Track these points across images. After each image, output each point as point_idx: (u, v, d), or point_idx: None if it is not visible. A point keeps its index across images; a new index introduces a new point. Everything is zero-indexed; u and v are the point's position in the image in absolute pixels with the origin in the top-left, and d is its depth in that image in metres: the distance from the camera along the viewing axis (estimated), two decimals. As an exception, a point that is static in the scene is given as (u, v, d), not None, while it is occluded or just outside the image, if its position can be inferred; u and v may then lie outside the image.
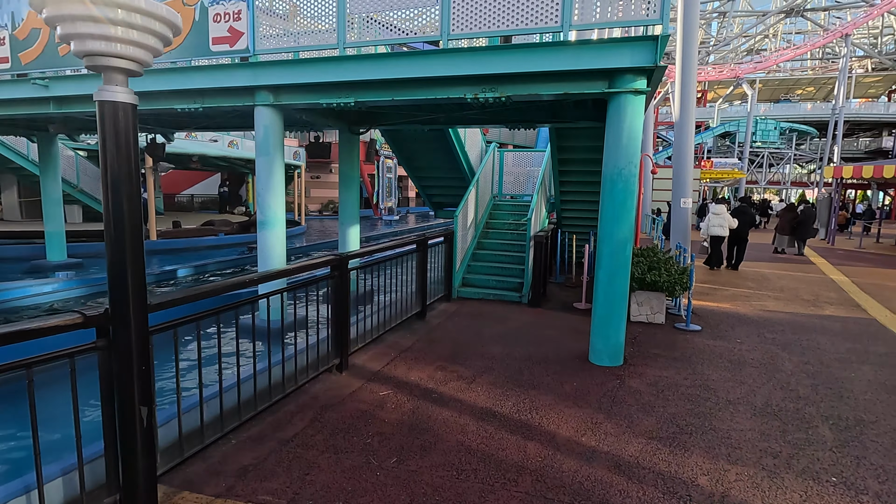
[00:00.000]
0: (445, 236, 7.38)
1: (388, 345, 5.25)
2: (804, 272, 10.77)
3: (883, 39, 50.22)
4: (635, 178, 4.42)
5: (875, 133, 45.89)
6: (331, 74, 5.10)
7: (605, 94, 4.40)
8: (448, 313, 6.67)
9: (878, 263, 12.49)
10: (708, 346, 5.30)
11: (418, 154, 8.90)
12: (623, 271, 4.53)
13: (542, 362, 4.74)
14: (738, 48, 52.85)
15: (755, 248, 15.20)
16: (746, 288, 8.87)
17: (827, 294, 8.39)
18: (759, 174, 42.36)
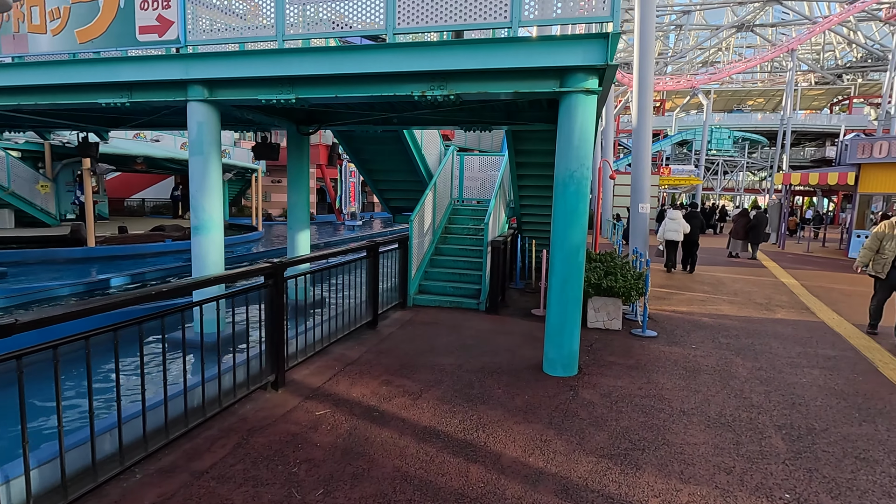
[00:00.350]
0: (400, 242, 7.09)
1: (333, 357, 4.92)
2: (757, 276, 11.03)
3: (825, 55, 53.32)
4: (588, 182, 4.27)
5: (819, 143, 48.49)
6: (269, 68, 4.75)
7: (556, 94, 4.23)
8: (402, 322, 6.38)
9: (824, 267, 12.96)
10: (663, 353, 5.21)
11: (374, 157, 8.58)
12: (576, 277, 4.36)
13: (494, 373, 4.51)
14: (693, 60, 54.94)
15: (712, 253, 15.58)
16: (702, 292, 8.95)
17: (779, 297, 8.55)
18: (714, 181, 43.99)
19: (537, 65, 4.10)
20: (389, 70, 4.42)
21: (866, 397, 4.09)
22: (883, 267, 6.05)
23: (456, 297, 7.40)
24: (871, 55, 44.98)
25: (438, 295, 7.48)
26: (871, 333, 6.24)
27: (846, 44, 49.27)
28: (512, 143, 7.07)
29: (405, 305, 7.20)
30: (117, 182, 26.05)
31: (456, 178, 10.35)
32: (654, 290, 8.93)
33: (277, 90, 4.87)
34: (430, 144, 9.20)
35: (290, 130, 6.90)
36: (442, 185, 8.90)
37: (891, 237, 5.97)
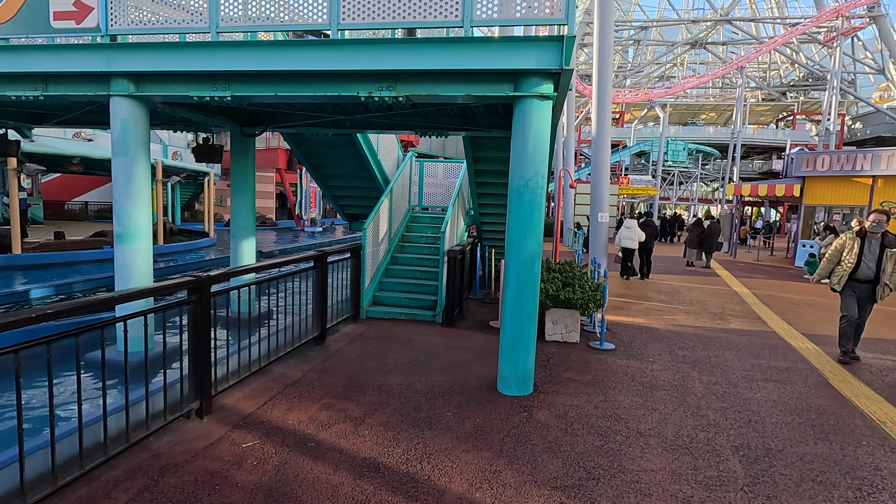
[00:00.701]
0: (352, 251, 6.74)
1: (272, 378, 4.51)
2: (711, 285, 11.23)
3: (771, 74, 56.42)
4: (543, 191, 4.07)
5: (766, 156, 51.09)
6: (202, 62, 4.34)
7: (510, 98, 4.03)
8: (352, 336, 6.01)
9: (773, 275, 13.40)
10: (621, 368, 5.07)
11: (327, 162, 8.20)
12: (531, 290, 4.15)
13: (445, 394, 4.22)
14: (650, 74, 56.99)
15: (669, 261, 15.89)
16: (659, 301, 8.99)
17: (732, 307, 8.67)
18: (670, 191, 45.50)
19: (490, 67, 3.88)
20: (333, 68, 4.11)
21: (819, 412, 4.05)
22: (840, 280, 5.58)
23: (412, 309, 7.10)
24: (812, 75, 47.87)
25: (393, 307, 7.16)
26: (843, 362, 5.48)
27: (790, 63, 52.27)
28: (470, 150, 6.86)
29: (358, 318, 6.84)
30: (56, 184, 24.40)
31: (415, 185, 10.08)
32: (613, 299, 8.90)
33: (211, 87, 4.47)
34: (387, 150, 8.89)
35: (233, 132, 6.45)
36: (399, 191, 8.60)
37: (850, 249, 5.50)
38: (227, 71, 4.34)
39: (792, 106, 51.09)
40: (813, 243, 15.49)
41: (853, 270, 5.46)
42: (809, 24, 42.60)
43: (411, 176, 9.37)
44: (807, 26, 42.35)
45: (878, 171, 14.18)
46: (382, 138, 8.61)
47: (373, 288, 7.33)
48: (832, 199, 15.52)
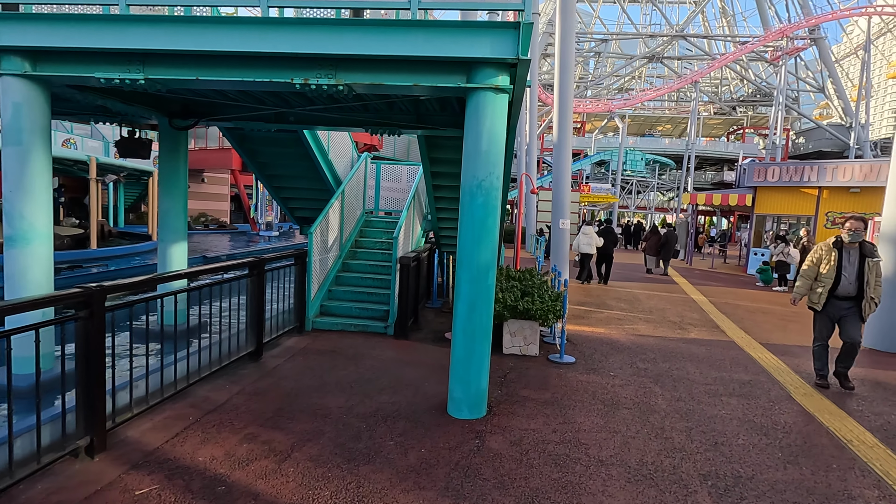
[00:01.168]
0: (297, 257, 6.19)
1: (192, 402, 3.94)
2: (669, 292, 11.24)
3: (722, 89, 59.09)
4: (498, 193, 3.71)
5: (718, 167, 53.30)
6: (111, 38, 3.76)
7: (461, 91, 3.65)
8: (294, 351, 5.47)
9: (728, 283, 13.63)
10: (581, 383, 4.75)
11: (273, 161, 7.61)
12: (485, 302, 3.76)
13: (389, 418, 3.77)
14: (610, 86, 58.59)
15: (630, 269, 15.98)
16: (620, 310, 8.84)
17: (690, 315, 8.60)
18: (629, 199, 46.66)
19: (440, 55, 3.50)
20: (264, 50, 3.62)
21: (785, 431, 3.84)
22: (819, 297, 4.86)
23: (362, 319, 6.60)
24: (760, 91, 50.39)
25: (343, 317, 6.64)
26: (821, 386, 4.95)
27: (740, 80, 54.92)
28: (426, 150, 6.46)
29: (303, 330, 6.28)
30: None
31: (371, 189, 9.59)
32: (573, 307, 8.68)
33: (122, 67, 3.88)
34: (339, 150, 8.38)
35: (161, 124, 5.80)
36: (352, 194, 8.10)
37: (827, 262, 4.82)
38: (141, 50, 3.77)
39: (742, 120, 53.59)
40: (765, 251, 15.94)
41: (833, 286, 4.78)
42: (757, 42, 44.87)
43: (366, 178, 8.88)
44: (755, 45, 44.58)
45: (823, 183, 14.74)
46: (335, 137, 8.10)
47: (321, 297, 6.79)
48: (782, 209, 16.04)
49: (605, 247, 12.03)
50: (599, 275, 12.37)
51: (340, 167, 8.37)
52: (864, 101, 41.73)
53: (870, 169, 14.04)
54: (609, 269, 12.36)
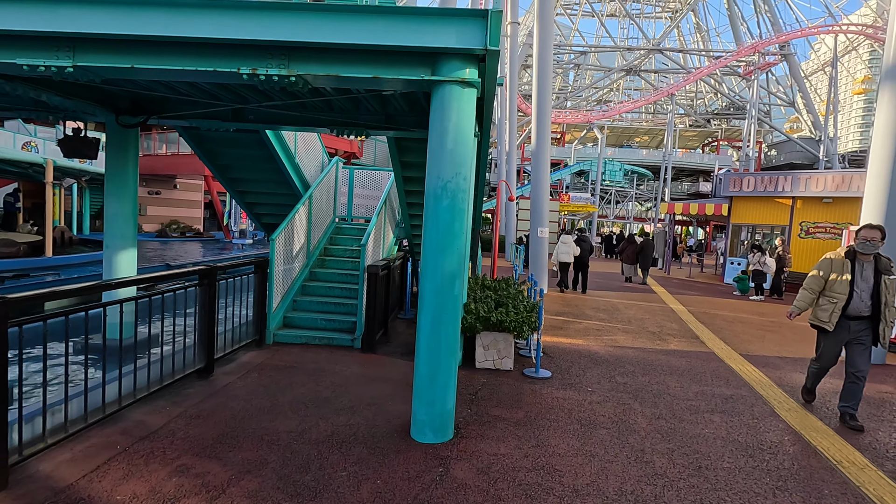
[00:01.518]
0: (257, 265, 5.79)
1: (124, 428, 3.51)
2: (648, 301, 11.10)
3: (697, 102, 60.47)
4: (466, 195, 3.41)
5: (694, 178, 54.33)
6: (35, 19, 3.35)
7: (425, 84, 3.35)
8: (250, 367, 5.05)
9: (705, 292, 13.60)
10: (557, 401, 4.45)
11: (235, 164, 7.19)
12: (451, 314, 3.44)
13: (345, 443, 3.40)
14: (589, 98, 59.43)
15: (609, 277, 15.88)
16: (598, 320, 8.61)
17: (669, 325, 8.42)
18: (608, 209, 47.14)
19: (402, 44, 3.20)
20: (206, 36, 3.27)
21: (772, 452, 3.59)
22: (830, 315, 4.17)
23: (328, 331, 6.22)
24: (734, 104, 51.66)
25: (307, 329, 6.24)
26: (807, 402, 4.69)
27: (714, 93, 56.27)
28: (396, 154, 6.15)
29: (262, 343, 5.86)
30: None
31: (343, 195, 9.23)
32: (551, 318, 8.42)
33: (49, 53, 3.47)
34: (309, 153, 8.01)
35: (107, 121, 5.36)
36: (322, 200, 7.72)
37: (840, 272, 4.13)
38: (69, 33, 3.38)
39: (716, 132, 54.83)
40: (741, 260, 16.02)
41: (846, 304, 4.11)
42: (730, 57, 46.09)
43: (337, 184, 8.52)
44: (728, 59, 45.78)
45: (797, 193, 14.90)
46: (303, 140, 7.73)
47: (284, 308, 6.38)
48: (757, 219, 16.18)
49: (581, 255, 12.18)
50: (575, 283, 12.46)
51: (310, 171, 7.99)
52: (832, 116, 43.11)
53: (841, 179, 14.24)
54: (586, 277, 12.47)
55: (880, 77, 6.79)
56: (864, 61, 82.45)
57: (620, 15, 59.51)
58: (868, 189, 6.69)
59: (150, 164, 26.94)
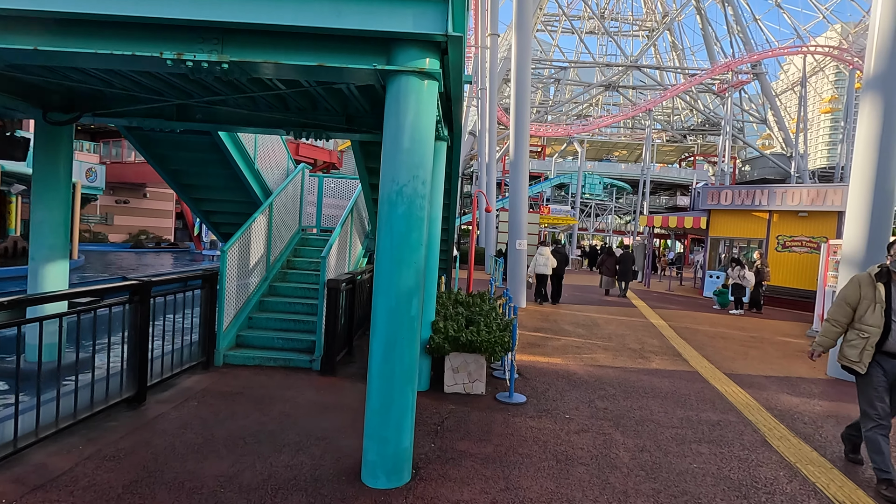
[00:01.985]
0: (206, 279, 5.25)
1: (21, 473, 2.96)
2: (629, 316, 10.81)
3: (674, 118, 61.73)
4: (424, 201, 2.99)
5: (671, 192, 55.14)
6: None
7: (379, 74, 2.94)
8: (191, 393, 4.50)
9: (685, 306, 13.41)
10: (531, 431, 4.02)
11: (188, 169, 6.66)
12: (407, 339, 2.99)
13: (281, 490, 2.90)
14: (569, 112, 60.12)
15: (589, 291, 15.62)
16: (577, 336, 8.24)
17: (651, 342, 8.10)
18: (588, 222, 47.40)
19: (350, 27, 2.78)
20: (122, 14, 2.81)
21: (768, 491, 3.21)
22: (862, 354, 3.32)
23: (285, 352, 5.69)
24: (709, 121, 52.83)
25: (263, 350, 5.71)
26: (853, 461, 3.73)
27: (690, 110, 57.53)
28: (362, 159, 5.72)
29: (210, 365, 5.31)
30: None
31: (312, 205, 8.74)
32: (529, 334, 8.02)
33: (-63, 32, 2.96)
34: (270, 159, 7.52)
35: (35, 118, 4.80)
36: (284, 209, 7.22)
37: (871, 302, 3.33)
38: (-40, 9, 2.88)
39: (693, 147, 55.91)
40: (720, 274, 15.95)
41: (881, 339, 3.26)
42: (704, 75, 47.16)
43: (303, 192, 8.03)
44: (702, 77, 46.84)
45: (773, 207, 14.93)
46: (265, 146, 7.24)
47: (238, 326, 5.83)
48: (735, 232, 16.17)
49: (557, 267, 12.19)
50: (552, 295, 12.42)
51: (273, 179, 7.50)
52: (802, 133, 44.32)
53: (816, 194, 14.31)
54: (559, 289, 12.52)
55: (861, 89, 6.65)
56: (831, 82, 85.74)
57: (599, 32, 60.68)
58: (851, 200, 6.49)
59: (117, 172, 25.99)
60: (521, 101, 11.49)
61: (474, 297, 6.78)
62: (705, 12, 53.52)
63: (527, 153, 11.66)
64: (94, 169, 23.11)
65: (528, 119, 11.61)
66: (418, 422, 3.95)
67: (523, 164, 11.45)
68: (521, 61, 11.49)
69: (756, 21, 54.52)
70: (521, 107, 11.47)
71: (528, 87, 11.75)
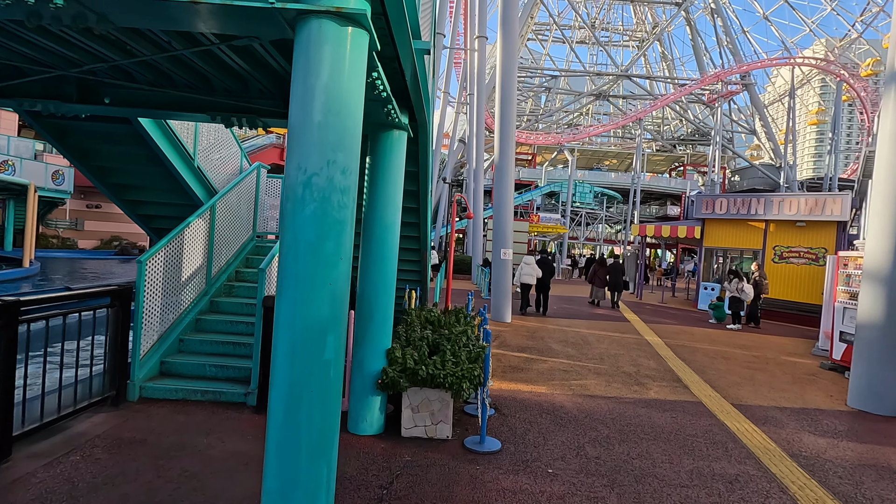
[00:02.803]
0: (115, 294, 4.33)
1: None
2: (622, 332, 9.99)
3: (664, 128, 61.74)
4: (348, 198, 2.13)
5: (661, 202, 54.87)
6: None
7: (282, 15, 2.09)
8: (81, 442, 3.57)
9: (681, 320, 12.63)
10: (504, 495, 3.14)
11: (114, 166, 5.73)
12: (320, 395, 2.12)
13: None
14: (560, 121, 59.85)
15: (579, 303, 14.81)
16: (566, 357, 7.40)
17: (647, 363, 7.28)
18: (578, 231, 46.84)
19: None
20: None
21: None
22: None
23: (218, 382, 4.78)
24: (699, 131, 52.78)
25: (191, 379, 4.79)
26: None
27: (680, 120, 57.53)
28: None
29: (121, 401, 4.37)
30: None
31: (274, 209, 7.84)
32: (511, 354, 7.16)
33: None
34: (218, 156, 6.63)
35: None
36: (232, 213, 6.32)
37: None
38: None
39: (682, 157, 55.80)
40: (715, 286, 15.25)
41: None
42: (694, 85, 47.11)
43: (258, 195, 7.13)
44: (692, 87, 46.77)
45: (770, 216, 14.29)
46: (209, 139, 6.35)
47: (163, 351, 4.90)
48: (730, 242, 15.49)
49: (543, 277, 11.80)
50: (537, 304, 11.97)
51: (220, 179, 6.60)
52: (790, 144, 44.30)
53: (815, 203, 13.71)
54: (547, 299, 12.11)
55: (884, 83, 5.94)
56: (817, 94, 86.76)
57: (590, 42, 60.69)
58: (874, 208, 5.72)
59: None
60: (506, 103, 10.74)
61: (450, 313, 5.92)
62: (695, 23, 53.73)
63: (512, 158, 10.90)
64: (62, 171, 22.00)
65: (513, 122, 10.86)
66: (359, 483, 3.06)
67: (508, 168, 10.68)
68: (506, 62, 10.77)
69: (745, 33, 54.84)
70: (507, 110, 10.72)
71: (513, 89, 11.02)
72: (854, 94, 45.54)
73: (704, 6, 52.60)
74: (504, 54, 10.79)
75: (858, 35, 49.90)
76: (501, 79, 10.86)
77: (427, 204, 6.01)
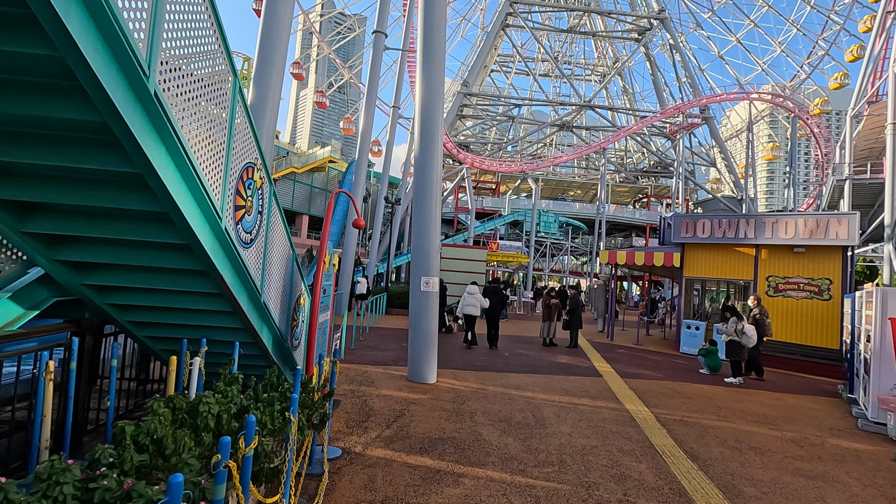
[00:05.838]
0: None
1: None
2: (592, 397, 6.99)
3: (627, 159, 61.44)
4: None
5: (626, 233, 53.65)
6: None
7: None
8: None
9: (665, 371, 9.76)
10: None
11: None
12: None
13: None
14: (524, 150, 58.66)
15: (533, 344, 11.78)
16: (501, 458, 4.32)
17: (636, 471, 4.27)
18: (543, 262, 44.60)
19: None
20: None
21: None
22: None
23: None
24: (661, 163, 52.29)
25: None
26: None
27: (642, 152, 57.24)
28: None
29: None
30: None
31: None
32: (403, 459, 4.03)
33: None
34: None
35: None
36: None
37: None
38: None
39: (646, 188, 55.15)
40: (699, 324, 12.62)
41: None
42: (656, 117, 46.68)
43: None
44: (654, 118, 46.30)
45: (762, 240, 11.89)
46: None
47: None
48: (715, 272, 12.99)
49: (492, 308, 10.77)
50: (489, 339, 10.88)
51: None
52: (751, 177, 44.05)
53: (815, 224, 11.37)
54: (496, 333, 10.91)
55: None
56: (769, 129, 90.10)
57: (553, 75, 60.50)
58: None
59: None
60: (428, 77, 7.97)
61: (268, 394, 2.79)
62: (654, 59, 54.14)
63: (438, 155, 8.02)
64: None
65: (440, 123, 8.10)
66: None
67: (432, 168, 7.84)
68: (426, 52, 8.04)
69: (701, 70, 55.61)
70: (429, 110, 7.96)
71: (441, 81, 8.28)
72: (808, 131, 45.99)
73: (663, 43, 53.21)
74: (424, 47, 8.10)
75: (807, 76, 51.24)
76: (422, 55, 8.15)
77: (270, 202, 2.93)
